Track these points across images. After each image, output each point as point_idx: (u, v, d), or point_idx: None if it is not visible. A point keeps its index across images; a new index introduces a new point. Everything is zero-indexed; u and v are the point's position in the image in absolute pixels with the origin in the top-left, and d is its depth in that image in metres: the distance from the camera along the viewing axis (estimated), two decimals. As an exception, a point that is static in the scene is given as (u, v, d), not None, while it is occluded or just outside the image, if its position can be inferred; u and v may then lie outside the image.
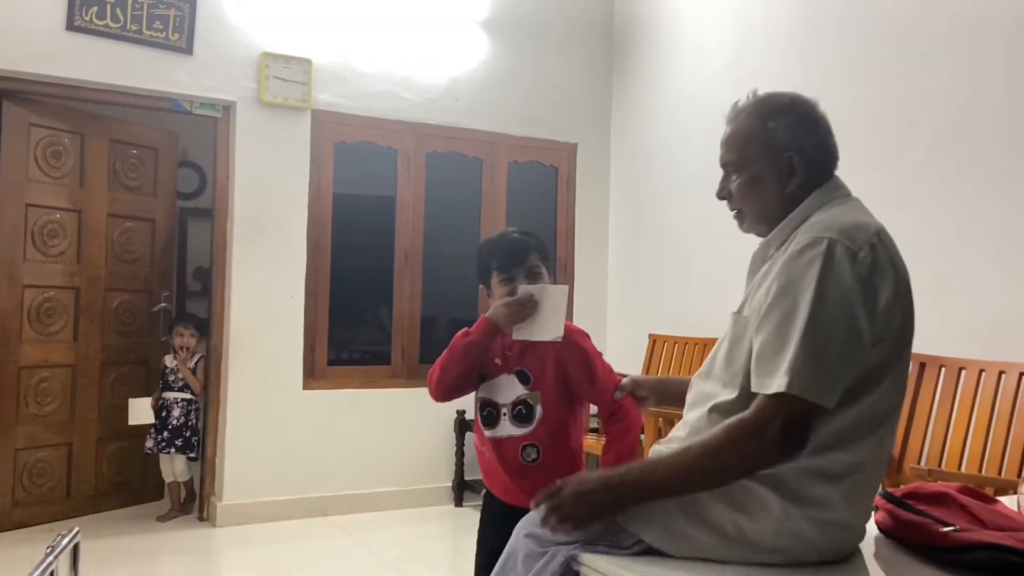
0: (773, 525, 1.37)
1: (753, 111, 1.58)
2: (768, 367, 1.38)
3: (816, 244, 1.39)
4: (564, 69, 4.89)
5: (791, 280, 1.39)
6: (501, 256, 2.04)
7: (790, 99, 1.58)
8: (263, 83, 4.09)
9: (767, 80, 3.92)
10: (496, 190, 4.73)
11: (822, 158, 1.55)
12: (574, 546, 1.47)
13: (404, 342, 4.46)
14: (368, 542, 3.80)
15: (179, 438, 4.08)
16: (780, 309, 1.39)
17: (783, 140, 1.53)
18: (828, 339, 1.34)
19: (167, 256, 4.55)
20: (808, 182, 1.53)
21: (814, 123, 1.56)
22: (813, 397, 1.33)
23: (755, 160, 1.56)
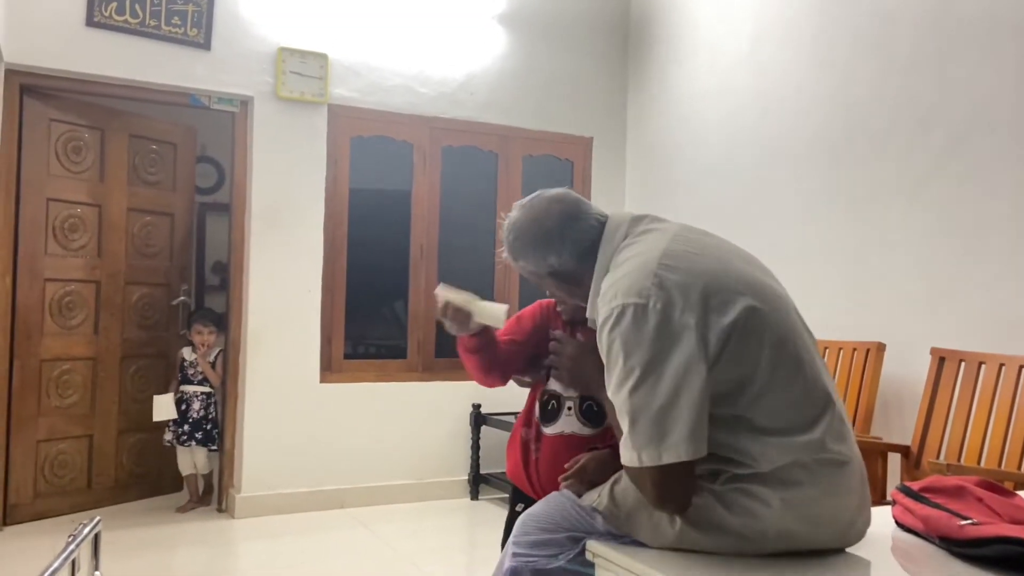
0: (775, 517, 1.39)
1: (508, 256, 1.71)
2: (624, 440, 1.41)
3: (610, 316, 1.42)
4: (579, 63, 4.88)
5: (606, 353, 1.43)
6: None
7: (520, 233, 1.65)
8: (280, 78, 4.11)
9: (784, 74, 3.92)
10: (511, 184, 4.73)
11: (575, 254, 1.61)
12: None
13: (420, 336, 4.47)
14: (385, 535, 3.83)
15: (199, 431, 4.12)
16: (611, 384, 1.42)
17: (537, 267, 1.66)
18: (655, 398, 1.35)
19: (186, 250, 4.59)
20: (582, 274, 1.61)
21: (546, 242, 1.62)
22: (662, 460, 1.34)
23: (541, 285, 1.75)
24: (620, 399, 1.39)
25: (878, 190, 3.40)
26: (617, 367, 1.39)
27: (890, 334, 3.19)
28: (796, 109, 3.86)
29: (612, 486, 1.55)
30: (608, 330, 1.41)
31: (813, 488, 1.39)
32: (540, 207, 1.66)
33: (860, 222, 3.46)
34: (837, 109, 3.63)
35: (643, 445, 1.35)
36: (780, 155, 3.93)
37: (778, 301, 1.49)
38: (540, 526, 1.62)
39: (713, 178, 4.33)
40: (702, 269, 1.44)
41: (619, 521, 1.51)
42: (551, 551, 1.59)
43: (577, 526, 1.57)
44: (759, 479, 1.39)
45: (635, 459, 1.37)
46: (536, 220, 1.64)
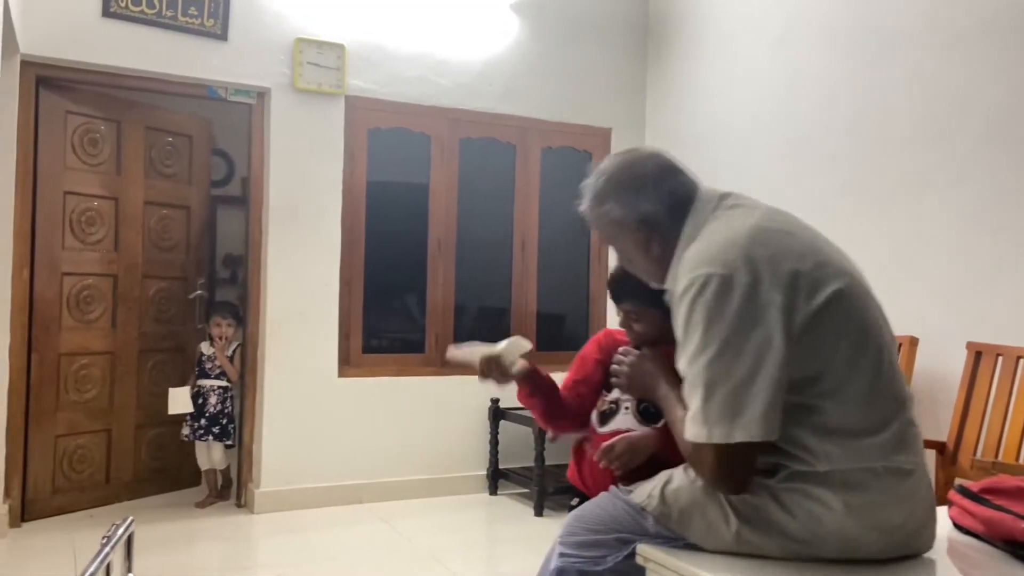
0: (839, 521, 1.34)
1: (590, 198, 1.61)
2: (691, 414, 1.37)
3: (692, 285, 1.37)
4: (598, 52, 4.81)
5: (683, 324, 1.38)
6: (607, 286, 1.99)
7: (615, 175, 1.57)
8: (297, 69, 4.06)
9: (810, 64, 3.86)
10: (529, 176, 4.67)
11: (668, 208, 1.53)
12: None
13: (438, 330, 4.43)
14: (405, 530, 3.79)
15: (216, 426, 4.09)
16: (684, 358, 1.39)
17: (622, 216, 1.55)
18: (734, 375, 1.32)
19: (202, 244, 4.56)
20: (668, 234, 1.53)
21: (642, 187, 1.54)
22: (733, 439, 1.31)
23: (613, 238, 1.62)
24: (694, 370, 1.35)
25: (910, 182, 3.34)
26: (694, 337, 1.35)
27: (924, 328, 3.13)
28: (822, 100, 3.79)
29: (663, 487, 1.51)
30: (689, 299, 1.36)
31: (879, 494, 1.34)
32: (637, 155, 1.61)
33: (891, 215, 3.40)
34: (866, 99, 3.56)
35: (715, 421, 1.32)
36: (805, 147, 3.87)
37: (863, 290, 1.45)
38: (588, 527, 1.58)
39: (735, 170, 4.26)
40: (792, 249, 1.40)
41: (671, 522, 1.47)
42: (599, 552, 1.55)
43: (626, 527, 1.53)
44: (820, 479, 1.35)
45: (703, 435, 1.33)
46: (633, 165, 1.59)
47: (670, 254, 1.52)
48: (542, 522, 3.97)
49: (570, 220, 4.99)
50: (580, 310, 4.85)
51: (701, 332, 1.34)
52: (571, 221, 4.84)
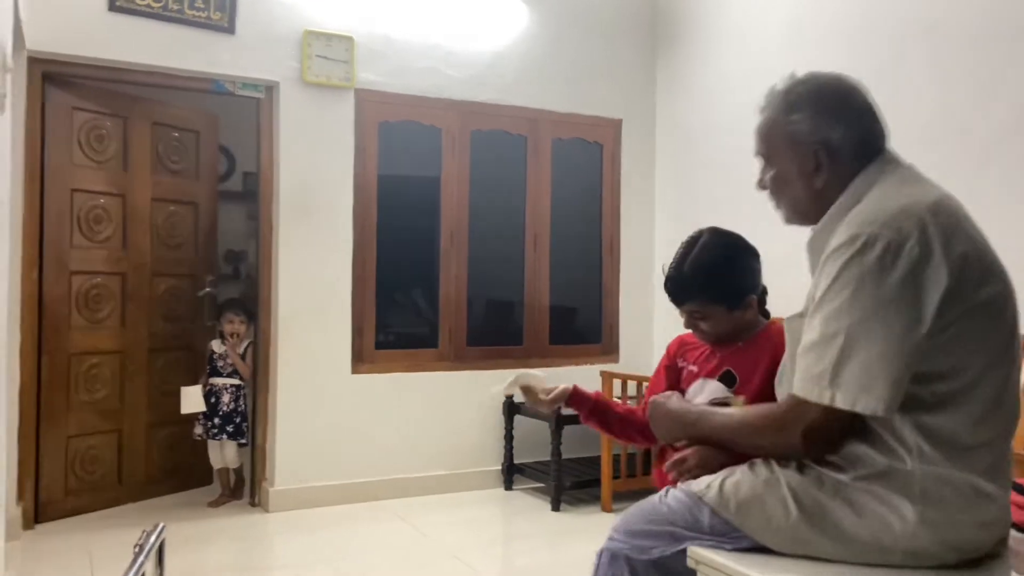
0: (911, 530, 1.30)
1: (780, 102, 1.50)
2: (806, 370, 1.32)
3: (856, 241, 1.30)
4: (607, 42, 4.76)
5: (833, 279, 1.31)
6: (665, 288, 1.91)
7: (817, 88, 1.48)
8: (306, 62, 4.01)
9: (823, 55, 3.80)
10: (540, 168, 4.62)
11: (854, 149, 1.44)
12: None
13: (451, 325, 4.39)
14: (422, 526, 3.76)
15: (230, 424, 4.05)
16: (823, 312, 1.32)
17: (806, 133, 1.45)
18: (871, 344, 1.26)
19: (210, 240, 4.50)
20: (840, 175, 1.44)
21: (844, 112, 1.45)
22: (855, 406, 1.27)
23: (779, 155, 1.51)
24: (830, 329, 1.29)
25: (930, 171, 3.28)
26: (841, 296, 1.29)
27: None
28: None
29: (723, 480, 1.47)
30: (847, 255, 1.30)
31: (961, 514, 1.29)
32: (845, 80, 1.50)
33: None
34: (880, 90, 3.50)
35: (842, 385, 1.27)
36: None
37: (1014, 300, 1.38)
38: (645, 516, 1.56)
39: (748, 160, 4.21)
40: (968, 235, 1.34)
41: (727, 511, 1.43)
42: (648, 543, 1.52)
43: (681, 522, 1.49)
44: (899, 483, 1.29)
45: (825, 395, 1.28)
46: (840, 86, 1.49)
47: (832, 197, 1.44)
48: (559, 517, 3.94)
49: (583, 212, 4.96)
50: (593, 303, 4.81)
51: (850, 292, 1.28)
52: (584, 213, 4.82)
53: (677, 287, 1.86)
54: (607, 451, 3.97)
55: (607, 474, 3.99)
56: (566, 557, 3.48)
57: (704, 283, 1.83)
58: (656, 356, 4.84)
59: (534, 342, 4.60)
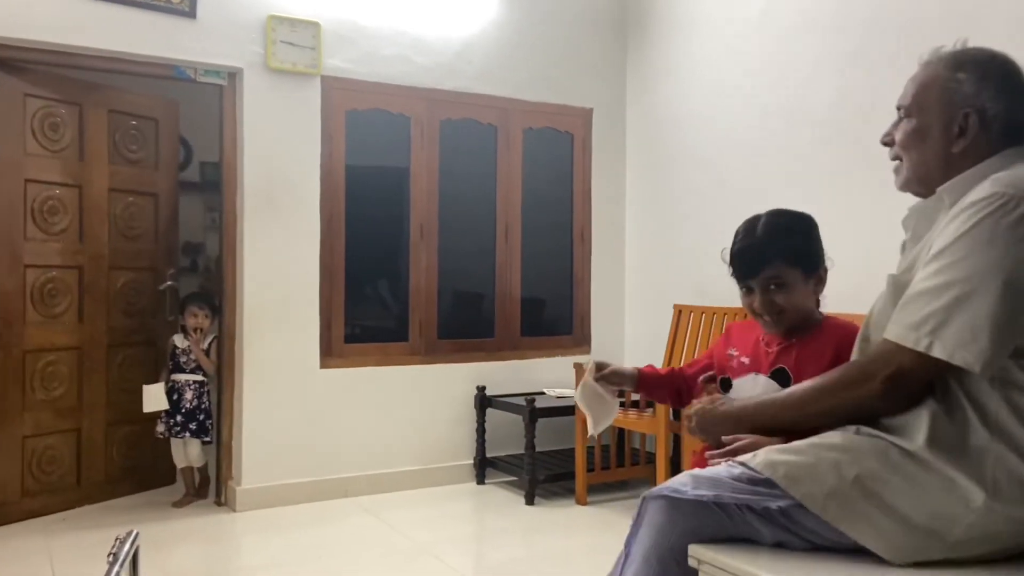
0: (971, 518, 1.26)
1: (949, 58, 1.46)
2: (906, 317, 1.31)
3: (999, 198, 1.28)
4: (578, 31, 4.71)
5: (963, 232, 1.29)
6: (735, 264, 1.81)
7: (991, 56, 1.45)
8: (270, 48, 3.89)
9: (793, 44, 3.80)
10: (511, 158, 4.56)
11: (1004, 126, 1.41)
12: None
13: (422, 317, 4.31)
14: (394, 522, 3.69)
15: (193, 422, 3.93)
16: (943, 261, 1.30)
17: (965, 95, 1.41)
18: (986, 300, 1.24)
19: (171, 232, 4.36)
20: (979, 147, 1.41)
21: (1009, 87, 1.42)
22: (952, 358, 1.26)
23: (929, 108, 1.46)
24: (946, 276, 1.27)
25: (902, 160, 3.30)
26: (965, 247, 1.26)
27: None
28: (806, 80, 3.74)
29: (769, 453, 1.42)
30: (984, 212, 1.27)
31: (1018, 508, 1.26)
32: (1015, 61, 1.46)
33: (877, 195, 3.36)
34: (850, 79, 3.52)
35: (945, 334, 1.25)
36: (790, 127, 3.82)
37: None
38: (690, 473, 1.49)
39: (723, 148, 4.21)
40: None
41: (776, 474, 1.36)
42: (684, 481, 1.45)
43: (724, 473, 1.43)
44: (971, 463, 1.26)
45: (921, 342, 1.27)
46: (1010, 63, 1.45)
47: (961, 167, 1.41)
48: (534, 511, 3.90)
49: (554, 202, 4.92)
50: (564, 294, 4.77)
51: (978, 246, 1.26)
52: (554, 203, 4.77)
53: (754, 252, 1.77)
54: (581, 444, 3.94)
55: (581, 467, 3.96)
56: (542, 551, 3.44)
57: (784, 243, 1.76)
58: (628, 347, 4.83)
59: (505, 334, 4.55)
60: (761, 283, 1.77)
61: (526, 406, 3.95)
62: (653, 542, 1.44)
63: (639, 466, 4.16)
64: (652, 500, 1.47)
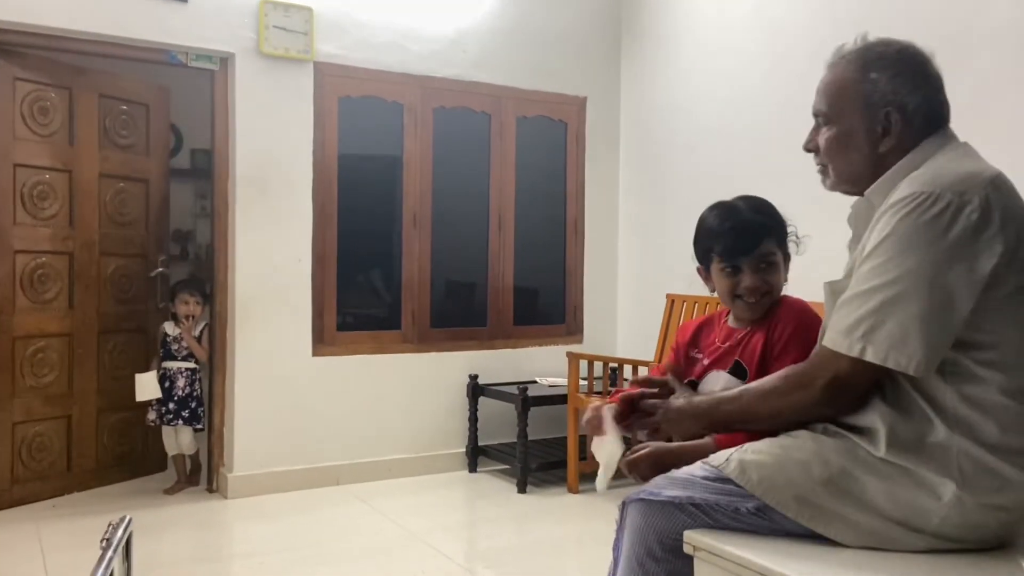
0: (943, 511, 1.27)
1: (856, 59, 1.46)
2: (840, 321, 1.32)
3: (916, 198, 1.29)
4: (572, 17, 4.69)
5: (887, 234, 1.29)
6: (725, 241, 1.75)
7: (898, 50, 1.45)
8: (262, 33, 3.86)
9: (791, 30, 3.80)
10: (505, 146, 4.55)
11: (925, 117, 1.42)
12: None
13: (414, 306, 4.30)
14: (388, 511, 3.70)
15: (185, 409, 3.92)
16: (870, 264, 1.31)
17: (883, 94, 1.42)
18: (913, 301, 1.25)
19: (162, 219, 4.33)
20: (904, 142, 1.41)
21: (922, 78, 1.43)
22: (885, 362, 1.26)
23: (849, 113, 1.46)
24: (873, 282, 1.27)
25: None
26: (890, 249, 1.27)
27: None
28: (805, 67, 3.73)
29: (744, 450, 1.43)
30: (905, 210, 1.28)
31: (990, 497, 1.27)
32: (923, 50, 1.46)
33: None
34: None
35: (876, 339, 1.25)
36: (795, 113, 3.79)
37: None
38: (665, 476, 1.51)
39: (718, 138, 4.21)
40: (1022, 213, 1.32)
41: (749, 483, 1.38)
42: (661, 483, 1.47)
43: (699, 472, 1.45)
44: (936, 458, 1.26)
45: (855, 348, 1.27)
46: (920, 54, 1.45)
47: (890, 163, 1.41)
48: (526, 499, 3.91)
49: (547, 191, 4.90)
50: (557, 283, 4.77)
51: (901, 247, 1.26)
52: (548, 192, 4.76)
53: (752, 227, 1.73)
54: (573, 432, 3.95)
55: (573, 455, 3.97)
56: (534, 539, 3.45)
57: (775, 221, 1.77)
58: (620, 337, 4.84)
59: (498, 323, 4.54)
60: (754, 260, 1.74)
61: (519, 395, 3.95)
62: (633, 544, 1.47)
63: (631, 455, 4.17)
64: (631, 503, 1.51)
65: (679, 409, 1.57)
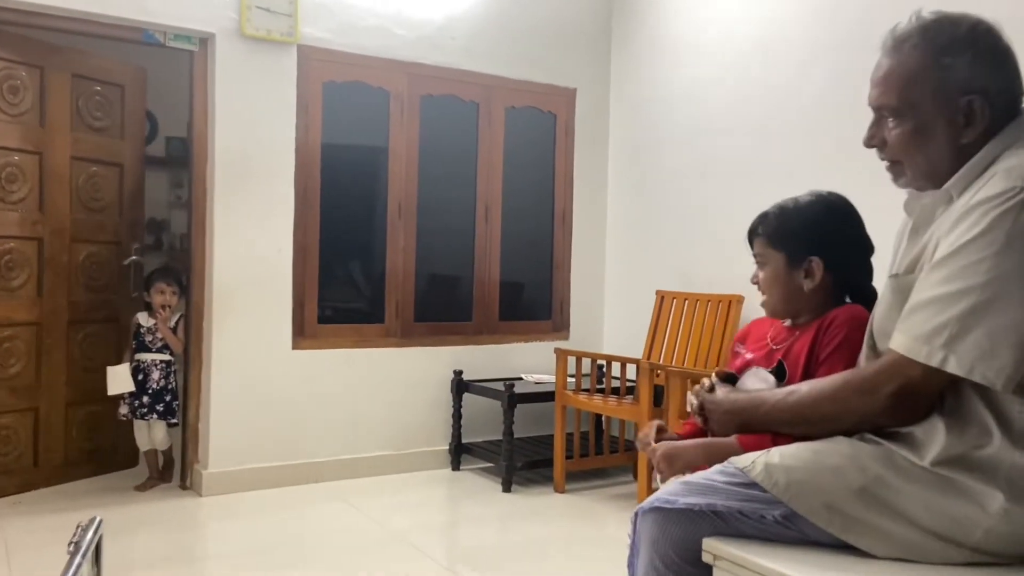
0: (989, 523, 1.18)
1: (923, 43, 1.31)
2: (916, 326, 1.20)
3: (1011, 193, 1.17)
4: (562, 8, 4.59)
5: (979, 232, 1.17)
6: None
7: (970, 27, 1.30)
8: (244, 13, 3.72)
9: (786, 24, 3.72)
10: (493, 137, 4.44)
11: (1008, 100, 1.30)
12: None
13: (398, 299, 4.19)
14: (369, 509, 3.58)
15: (160, 403, 3.77)
16: (952, 266, 1.18)
17: (962, 81, 1.28)
18: (1006, 309, 1.14)
19: (136, 205, 4.18)
20: (989, 130, 1.28)
21: (1002, 57, 1.30)
22: (971, 375, 1.16)
23: (923, 104, 1.31)
24: (960, 284, 1.16)
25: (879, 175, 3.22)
26: (985, 250, 1.15)
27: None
28: (805, 59, 3.66)
29: (771, 453, 1.34)
30: (1002, 209, 1.16)
31: None
32: (996, 28, 1.32)
33: (878, 178, 3.30)
34: (850, 57, 3.43)
35: (958, 347, 1.14)
36: (787, 108, 3.74)
37: None
38: (682, 482, 1.41)
39: (708, 133, 4.13)
40: None
41: (776, 487, 1.29)
42: (678, 491, 1.38)
43: (719, 478, 1.36)
44: (983, 469, 1.18)
45: (934, 356, 1.16)
46: (995, 33, 1.31)
47: (974, 152, 1.28)
48: (511, 498, 3.81)
49: (535, 183, 4.80)
50: (544, 278, 4.67)
51: (996, 248, 1.14)
52: (536, 184, 4.66)
53: (755, 220, 1.72)
54: (560, 430, 3.85)
55: (560, 454, 3.87)
56: (519, 539, 3.36)
57: (775, 224, 1.67)
58: (607, 333, 4.75)
59: (483, 318, 4.44)
60: (755, 257, 1.74)
61: (505, 391, 3.85)
62: (650, 557, 1.38)
63: (617, 454, 4.09)
64: (645, 513, 1.41)
65: (717, 401, 1.49)
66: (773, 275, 1.67)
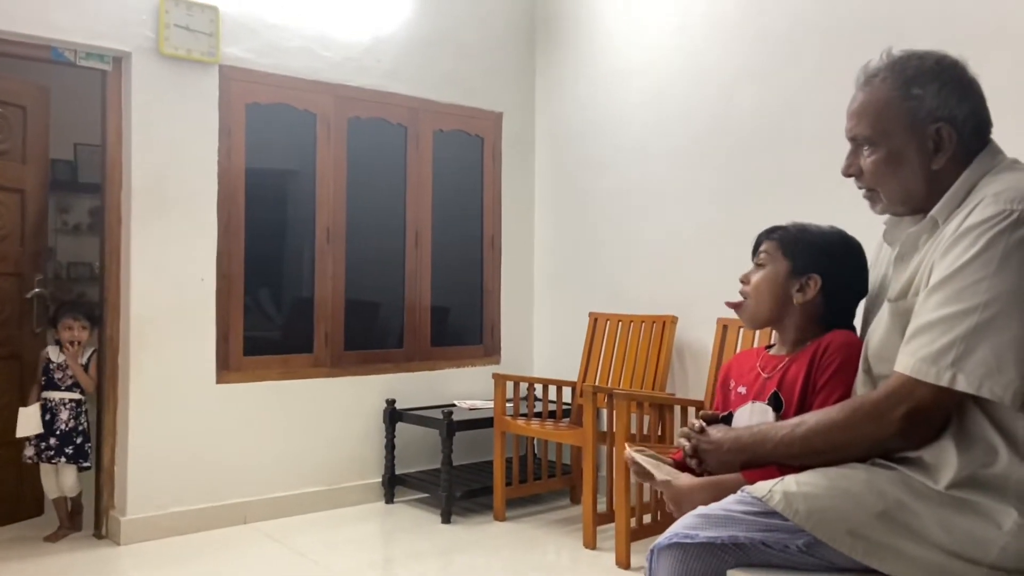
0: (1004, 540, 1.20)
1: (892, 76, 1.40)
2: (922, 348, 1.23)
3: (1007, 216, 1.23)
4: (487, 32, 4.59)
5: (974, 254, 1.22)
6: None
7: (936, 61, 1.40)
8: (162, 32, 3.54)
9: (709, 55, 3.83)
10: (421, 160, 4.38)
11: (975, 126, 1.39)
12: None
13: (327, 328, 4.04)
14: (303, 549, 3.42)
15: (69, 445, 3.50)
16: (951, 288, 1.23)
17: (930, 110, 1.37)
18: (1009, 326, 1.19)
19: (39, 234, 3.90)
20: (958, 155, 1.37)
21: (966, 87, 1.39)
22: (979, 391, 1.19)
23: (895, 133, 1.39)
24: (962, 305, 1.19)
25: (815, 177, 3.35)
26: (982, 271, 1.19)
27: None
28: (730, 82, 3.76)
29: (789, 481, 1.32)
30: (996, 230, 1.21)
31: None
32: (958, 59, 1.40)
33: (806, 200, 3.41)
34: (777, 81, 3.54)
35: (966, 365, 1.17)
36: (713, 131, 3.83)
37: None
38: (699, 513, 1.38)
39: (633, 155, 4.18)
40: None
41: (797, 515, 1.28)
42: (697, 523, 1.35)
43: (737, 508, 1.34)
44: (994, 487, 1.20)
45: (943, 376, 1.19)
46: (959, 65, 1.39)
47: (946, 181, 1.35)
48: (451, 530, 3.72)
49: (464, 207, 4.76)
50: (475, 303, 4.62)
51: (992, 269, 1.18)
52: (464, 208, 4.62)
53: (771, 227, 1.75)
54: (500, 457, 3.79)
55: (500, 481, 3.81)
56: (463, 571, 3.27)
57: (793, 230, 1.71)
58: (537, 356, 4.73)
59: (415, 345, 4.34)
60: (757, 256, 1.75)
61: (443, 419, 3.76)
62: None
63: (555, 478, 4.06)
64: (662, 550, 1.38)
65: (715, 441, 1.47)
66: (771, 277, 1.68)
